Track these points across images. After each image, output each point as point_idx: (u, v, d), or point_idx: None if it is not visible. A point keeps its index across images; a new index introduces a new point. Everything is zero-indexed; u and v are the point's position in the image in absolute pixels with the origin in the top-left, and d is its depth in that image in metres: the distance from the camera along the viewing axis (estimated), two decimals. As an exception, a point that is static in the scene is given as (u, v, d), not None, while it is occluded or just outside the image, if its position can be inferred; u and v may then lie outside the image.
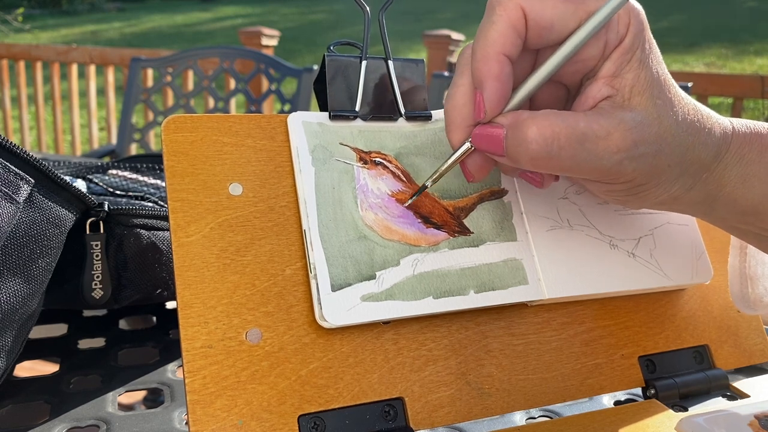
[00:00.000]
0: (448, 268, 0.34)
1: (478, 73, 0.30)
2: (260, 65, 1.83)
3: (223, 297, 0.31)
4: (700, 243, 0.40)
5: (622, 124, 0.29)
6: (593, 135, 0.28)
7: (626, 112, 0.29)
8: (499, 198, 0.36)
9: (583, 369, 0.36)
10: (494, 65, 0.29)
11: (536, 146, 0.29)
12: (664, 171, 0.30)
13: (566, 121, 0.29)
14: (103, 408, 0.39)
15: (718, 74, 3.97)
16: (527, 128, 0.29)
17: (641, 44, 0.30)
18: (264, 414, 0.30)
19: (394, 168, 0.35)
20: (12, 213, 0.35)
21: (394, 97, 0.36)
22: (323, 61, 0.35)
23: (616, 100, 0.30)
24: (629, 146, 0.29)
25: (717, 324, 0.41)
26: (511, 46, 0.29)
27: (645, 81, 0.29)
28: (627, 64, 0.29)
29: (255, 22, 8.36)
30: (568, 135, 0.28)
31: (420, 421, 0.32)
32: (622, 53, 0.29)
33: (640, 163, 0.29)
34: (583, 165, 0.29)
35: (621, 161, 0.29)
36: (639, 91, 0.29)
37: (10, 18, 7.70)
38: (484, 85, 0.29)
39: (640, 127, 0.29)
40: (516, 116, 0.30)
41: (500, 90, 0.29)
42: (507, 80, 0.30)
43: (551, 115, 0.29)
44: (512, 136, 0.29)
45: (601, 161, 0.29)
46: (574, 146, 0.28)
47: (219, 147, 0.33)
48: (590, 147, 0.29)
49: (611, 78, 0.30)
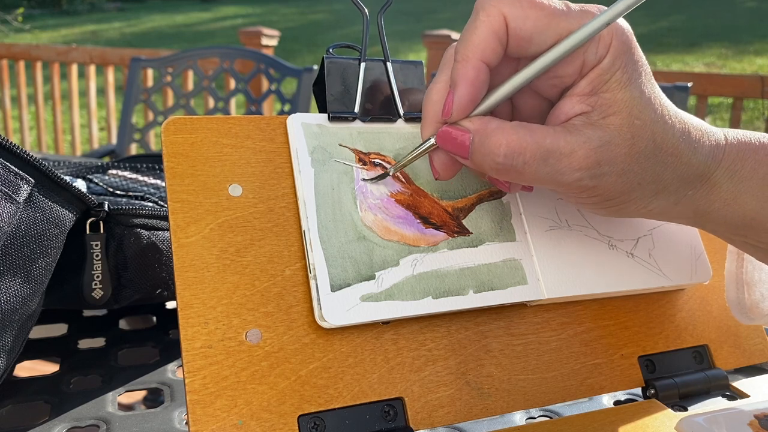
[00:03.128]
0: (447, 269, 0.34)
1: (455, 74, 0.30)
2: (260, 65, 1.83)
3: (222, 297, 0.31)
4: (699, 243, 0.40)
5: (588, 142, 0.29)
6: (557, 152, 0.29)
7: (596, 130, 0.29)
8: (498, 198, 0.36)
9: (583, 369, 0.36)
10: (471, 70, 0.29)
11: (502, 159, 0.29)
12: (634, 189, 0.30)
13: (534, 137, 0.29)
14: (103, 408, 0.39)
15: (718, 74, 3.97)
16: (495, 139, 0.29)
17: (622, 65, 0.29)
18: (264, 414, 0.30)
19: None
20: (12, 213, 0.35)
21: (392, 98, 0.36)
22: (322, 63, 0.35)
23: (591, 117, 0.30)
24: (591, 165, 0.29)
25: (717, 324, 0.41)
26: (492, 53, 0.29)
27: (623, 101, 0.29)
28: (604, 84, 0.29)
29: (255, 22, 8.36)
30: (533, 151, 0.29)
31: (420, 421, 0.32)
32: (600, 74, 0.29)
33: (602, 181, 0.29)
34: (545, 179, 0.29)
35: (581, 178, 0.29)
36: (615, 111, 0.29)
37: (10, 18, 7.70)
38: (457, 87, 0.30)
39: (606, 147, 0.29)
40: (484, 123, 0.30)
41: (471, 94, 0.30)
42: (481, 86, 0.30)
43: (520, 129, 0.29)
44: (479, 143, 0.29)
45: (562, 176, 0.29)
46: (537, 161, 0.29)
47: (219, 148, 0.33)
48: (553, 163, 0.29)
49: (587, 96, 0.30)
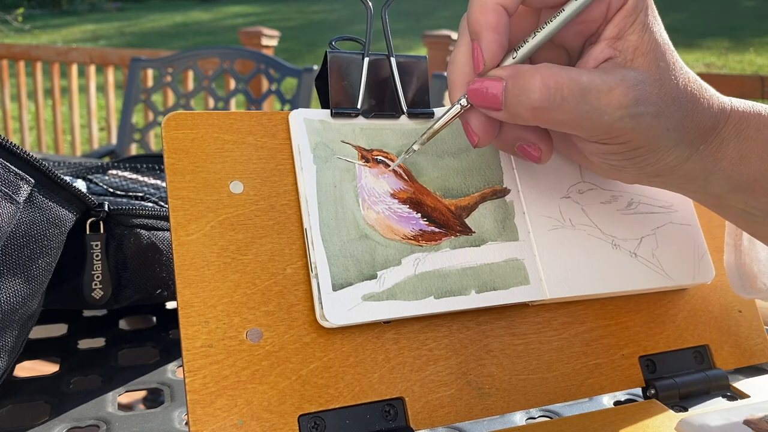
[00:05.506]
0: (449, 268, 0.34)
1: (476, 24, 0.29)
2: (260, 65, 1.83)
3: (223, 296, 0.31)
4: (702, 243, 0.40)
5: (625, 81, 0.29)
6: (596, 89, 0.29)
7: (628, 71, 0.29)
8: (501, 197, 0.36)
9: (584, 369, 0.36)
10: (491, 15, 0.29)
11: (539, 95, 0.28)
12: (663, 134, 0.30)
13: (569, 74, 0.29)
14: (103, 408, 0.39)
15: (718, 74, 3.97)
16: (530, 77, 0.29)
17: (644, 7, 0.30)
18: (264, 414, 0.30)
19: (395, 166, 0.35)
20: (12, 213, 0.35)
21: (396, 94, 0.36)
22: (325, 57, 0.35)
23: (618, 61, 0.30)
24: (630, 103, 0.29)
25: (717, 324, 0.41)
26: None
27: (648, 43, 0.29)
28: (630, 26, 0.29)
29: (255, 22, 8.35)
30: (571, 87, 0.28)
31: (420, 421, 0.32)
32: (626, 15, 0.29)
33: (640, 122, 0.29)
34: (584, 119, 0.29)
35: (622, 117, 0.29)
36: (642, 53, 0.29)
37: (10, 18, 7.70)
38: (481, 36, 0.29)
39: (641, 85, 0.29)
40: (516, 68, 0.29)
41: (498, 40, 0.29)
42: (504, 31, 0.29)
43: (554, 67, 0.29)
44: (513, 86, 0.29)
45: (602, 116, 0.29)
46: (576, 98, 0.28)
47: (220, 144, 0.33)
48: (592, 101, 0.29)
49: (614, 40, 0.30)
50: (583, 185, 0.38)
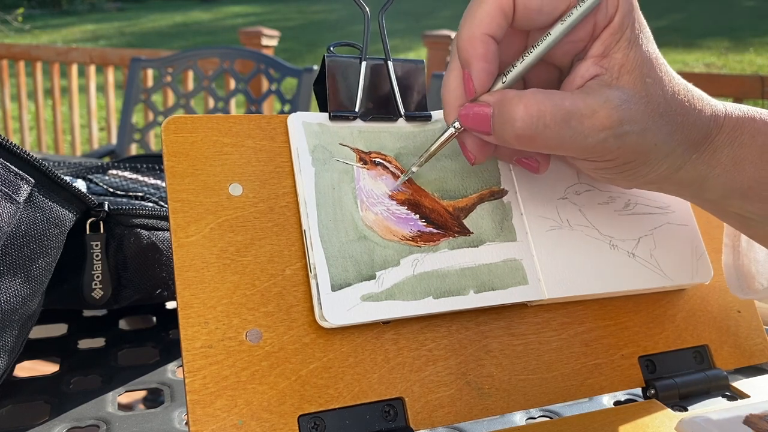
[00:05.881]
0: (447, 269, 0.34)
1: (465, 54, 0.30)
2: (260, 65, 1.83)
3: (223, 297, 0.31)
4: (700, 243, 0.40)
5: (608, 102, 0.29)
6: (578, 113, 0.29)
7: (613, 90, 0.29)
8: (499, 198, 0.36)
9: (583, 369, 0.36)
10: (479, 45, 0.30)
11: (522, 124, 0.29)
12: (651, 150, 0.30)
13: (552, 100, 0.29)
14: (103, 408, 0.39)
15: (718, 74, 3.97)
16: (514, 106, 0.29)
17: (630, 24, 0.30)
18: (264, 414, 0.30)
19: (394, 168, 0.35)
20: (12, 213, 0.35)
21: (393, 97, 0.36)
22: (323, 61, 0.35)
23: (604, 79, 0.30)
24: (614, 124, 0.29)
25: (717, 324, 0.41)
26: (497, 27, 0.30)
27: (634, 60, 0.30)
28: (616, 44, 0.30)
29: (255, 22, 8.35)
30: (553, 113, 0.29)
31: (420, 421, 0.32)
32: (611, 33, 0.30)
33: (625, 140, 0.30)
34: (568, 143, 0.29)
35: (606, 139, 0.29)
36: (628, 70, 0.30)
37: (10, 18, 7.71)
38: (471, 65, 0.30)
39: (626, 105, 0.29)
40: (503, 95, 0.30)
41: (487, 68, 0.30)
42: (493, 59, 0.30)
43: (538, 93, 0.29)
44: (499, 113, 0.30)
45: (586, 139, 0.29)
46: (559, 124, 0.29)
47: (219, 147, 0.33)
48: (575, 125, 0.29)
49: (600, 58, 0.30)
50: (580, 186, 0.38)
